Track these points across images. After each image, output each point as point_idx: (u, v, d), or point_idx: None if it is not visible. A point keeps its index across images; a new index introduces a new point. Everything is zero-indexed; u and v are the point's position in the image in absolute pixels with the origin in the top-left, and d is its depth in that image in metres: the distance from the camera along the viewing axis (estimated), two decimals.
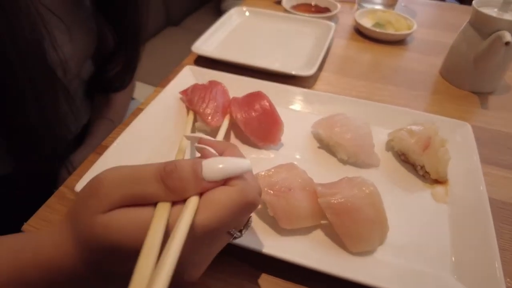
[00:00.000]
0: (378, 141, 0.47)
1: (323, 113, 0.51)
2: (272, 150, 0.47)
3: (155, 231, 0.21)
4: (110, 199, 0.23)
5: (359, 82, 0.62)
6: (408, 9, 0.91)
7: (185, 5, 1.74)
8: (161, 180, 0.23)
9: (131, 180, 0.23)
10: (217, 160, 0.25)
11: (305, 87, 0.60)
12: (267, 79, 0.57)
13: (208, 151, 0.28)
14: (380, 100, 0.57)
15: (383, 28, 0.74)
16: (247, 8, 0.80)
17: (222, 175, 0.24)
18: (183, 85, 0.54)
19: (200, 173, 0.23)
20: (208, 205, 0.23)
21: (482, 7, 0.59)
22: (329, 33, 0.70)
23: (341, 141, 0.44)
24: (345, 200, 0.35)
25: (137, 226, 0.22)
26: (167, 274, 0.19)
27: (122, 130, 0.49)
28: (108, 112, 0.71)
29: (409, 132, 0.44)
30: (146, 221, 0.22)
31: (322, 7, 0.85)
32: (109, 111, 0.71)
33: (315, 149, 0.47)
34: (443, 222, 0.39)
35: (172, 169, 0.23)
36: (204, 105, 0.48)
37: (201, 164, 0.24)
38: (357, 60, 0.69)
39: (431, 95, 0.61)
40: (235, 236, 0.27)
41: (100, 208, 0.22)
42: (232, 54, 0.64)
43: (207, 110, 0.47)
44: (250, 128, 0.46)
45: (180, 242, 0.20)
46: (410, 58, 0.71)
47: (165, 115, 0.51)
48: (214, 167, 0.24)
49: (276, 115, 0.47)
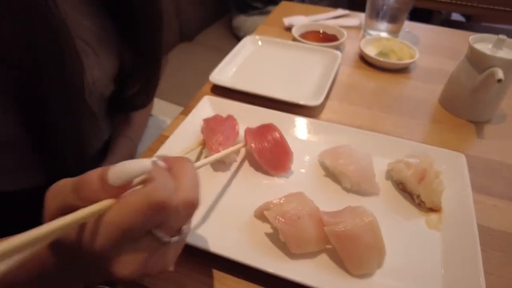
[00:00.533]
0: (379, 170, 0.52)
1: (329, 142, 0.57)
2: (283, 178, 0.52)
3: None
4: (50, 210, 0.27)
5: (363, 111, 0.67)
6: (411, 35, 0.96)
7: (198, 21, 1.81)
8: (74, 190, 0.26)
9: (61, 192, 0.27)
10: (120, 164, 0.26)
11: (312, 115, 0.65)
12: (277, 106, 0.63)
13: (157, 164, 0.29)
14: (382, 129, 0.62)
15: (386, 57, 0.79)
16: (260, 37, 0.85)
17: (125, 176, 0.25)
18: (202, 114, 0.61)
19: (107, 179, 0.25)
20: (117, 204, 0.25)
21: (477, 42, 0.64)
22: (336, 62, 0.75)
23: (345, 171, 0.49)
24: (347, 229, 0.40)
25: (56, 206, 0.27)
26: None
27: (148, 155, 0.54)
28: (128, 130, 0.76)
29: (407, 164, 0.49)
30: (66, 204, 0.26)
31: (329, 34, 0.91)
32: (128, 129, 0.76)
33: (322, 177, 0.52)
34: (435, 248, 0.43)
35: (82, 181, 0.26)
36: (211, 137, 0.53)
37: (108, 170, 0.25)
38: (361, 88, 0.74)
39: (430, 123, 0.65)
40: (164, 240, 0.28)
41: (46, 217, 0.28)
42: (246, 83, 0.69)
43: (213, 141, 0.52)
44: (263, 158, 0.52)
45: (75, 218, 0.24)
46: (411, 86, 0.75)
47: (187, 143, 0.56)
48: (118, 171, 0.25)
49: (286, 146, 0.52)
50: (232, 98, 0.67)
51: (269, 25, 0.99)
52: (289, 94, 0.66)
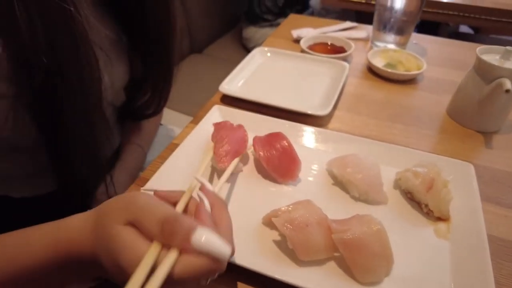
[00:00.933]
0: (387, 180, 0.52)
1: (337, 151, 0.57)
2: (290, 186, 0.53)
3: (142, 269, 0.28)
4: (128, 217, 0.30)
5: (371, 121, 0.68)
6: (419, 47, 0.97)
7: (208, 33, 1.85)
8: (161, 224, 0.29)
9: (148, 212, 0.30)
10: (208, 235, 0.29)
11: (320, 125, 0.66)
12: (286, 115, 0.64)
13: (202, 205, 0.34)
14: (390, 139, 0.63)
15: (394, 68, 0.80)
16: (269, 48, 0.87)
17: (205, 250, 0.29)
18: (212, 122, 0.61)
19: (190, 237, 0.29)
20: (186, 264, 0.29)
21: (485, 54, 0.64)
22: (344, 73, 0.76)
23: (353, 180, 0.49)
24: (355, 237, 0.40)
25: (133, 252, 0.29)
26: None
27: (159, 163, 0.55)
28: (138, 138, 0.77)
29: (414, 174, 0.49)
30: (141, 253, 0.29)
31: (337, 46, 0.92)
32: (138, 137, 0.78)
33: (330, 186, 0.53)
34: (444, 257, 0.43)
35: (173, 221, 0.29)
36: (220, 145, 0.53)
37: (195, 230, 0.29)
38: (369, 98, 0.74)
39: (438, 134, 0.66)
40: (202, 283, 0.33)
41: (121, 220, 0.30)
42: (255, 93, 0.71)
43: (221, 152, 0.52)
44: (271, 165, 0.52)
45: (157, 284, 0.27)
46: (419, 96, 0.76)
47: (197, 150, 0.57)
48: (203, 239, 0.29)
49: (294, 155, 0.53)
50: (241, 108, 0.68)
51: (278, 37, 1.00)
52: (297, 104, 0.67)
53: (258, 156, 0.53)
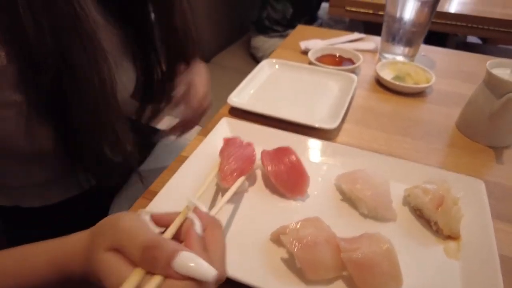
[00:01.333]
0: (396, 196, 0.52)
1: (345, 165, 0.57)
2: (299, 201, 0.52)
3: None
4: (113, 242, 0.31)
5: (380, 134, 0.67)
6: (427, 59, 0.97)
7: (217, 42, 1.86)
8: (142, 250, 0.29)
9: (130, 236, 0.30)
10: (190, 258, 0.29)
11: (329, 138, 0.65)
12: (294, 128, 0.65)
13: (192, 227, 0.34)
14: (399, 153, 0.62)
15: (402, 81, 0.80)
16: (277, 60, 0.87)
17: (188, 273, 0.29)
18: (220, 135, 0.62)
19: (172, 261, 0.29)
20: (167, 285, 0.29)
21: (495, 68, 0.64)
22: (352, 86, 0.76)
23: (362, 197, 0.49)
24: (364, 256, 0.40)
25: (118, 278, 0.29)
26: None
27: (167, 176, 0.56)
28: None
29: (424, 190, 0.48)
30: (124, 279, 0.29)
31: (345, 57, 0.92)
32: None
33: (338, 202, 0.52)
34: (454, 277, 0.43)
35: (154, 246, 0.29)
36: (226, 162, 0.52)
37: (178, 255, 0.29)
38: (377, 111, 0.74)
39: (447, 148, 0.65)
40: None
41: (106, 244, 0.31)
42: (263, 105, 0.71)
43: (226, 169, 0.51)
44: (280, 180, 0.52)
45: None
46: (428, 109, 0.75)
47: (205, 165, 0.57)
48: (186, 263, 0.29)
49: (303, 170, 0.53)
50: (250, 120, 0.68)
51: (286, 49, 1.01)
52: (305, 117, 0.67)
53: (267, 171, 0.53)
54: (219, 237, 0.35)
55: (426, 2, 0.85)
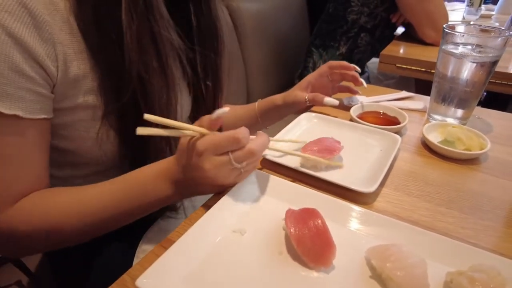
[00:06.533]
0: (435, 280, 0.45)
1: (379, 237, 0.51)
2: (322, 273, 0.47)
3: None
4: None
5: (422, 204, 0.61)
6: (482, 122, 0.89)
7: (265, 93, 1.90)
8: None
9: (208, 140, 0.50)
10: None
11: (364, 202, 0.60)
12: (327, 187, 0.62)
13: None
14: (442, 228, 0.55)
15: (452, 146, 0.73)
16: (316, 114, 0.85)
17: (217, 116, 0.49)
18: (247, 186, 0.60)
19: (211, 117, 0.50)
20: (206, 137, 0.50)
21: None
22: (395, 147, 0.71)
23: (393, 277, 0.43)
24: None
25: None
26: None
27: (187, 225, 0.54)
28: None
29: (470, 280, 0.41)
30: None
31: (390, 116, 0.88)
32: None
33: (367, 279, 0.46)
34: None
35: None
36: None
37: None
38: (422, 178, 0.68)
39: (503, 228, 0.57)
40: (234, 163, 0.51)
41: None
42: (296, 159, 0.68)
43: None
44: (302, 247, 0.48)
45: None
46: (481, 180, 0.68)
47: (227, 218, 0.55)
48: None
49: (329, 238, 0.48)
50: (280, 173, 0.66)
51: None
52: (340, 177, 0.63)
53: (290, 234, 0.49)
54: (264, 135, 0.55)
55: (483, 64, 0.79)
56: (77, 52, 0.53)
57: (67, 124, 0.57)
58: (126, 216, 0.57)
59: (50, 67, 0.51)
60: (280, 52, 1.82)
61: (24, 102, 0.50)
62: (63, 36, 0.52)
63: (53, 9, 0.51)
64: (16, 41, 0.47)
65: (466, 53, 0.79)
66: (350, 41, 1.63)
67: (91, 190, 0.56)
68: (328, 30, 1.66)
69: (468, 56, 0.79)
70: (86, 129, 0.58)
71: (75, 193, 0.56)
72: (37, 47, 0.49)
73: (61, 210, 0.54)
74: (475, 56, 0.79)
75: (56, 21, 0.51)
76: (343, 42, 1.63)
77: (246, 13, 1.60)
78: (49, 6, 0.50)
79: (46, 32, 0.50)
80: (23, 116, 0.50)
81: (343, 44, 1.63)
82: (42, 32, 0.49)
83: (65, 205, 0.55)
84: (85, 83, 0.55)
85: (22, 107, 0.50)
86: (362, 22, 1.59)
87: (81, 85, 0.54)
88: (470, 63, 0.80)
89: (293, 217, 0.52)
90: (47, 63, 0.51)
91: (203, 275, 0.47)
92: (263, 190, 0.61)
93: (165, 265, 0.46)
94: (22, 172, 0.53)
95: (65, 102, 0.55)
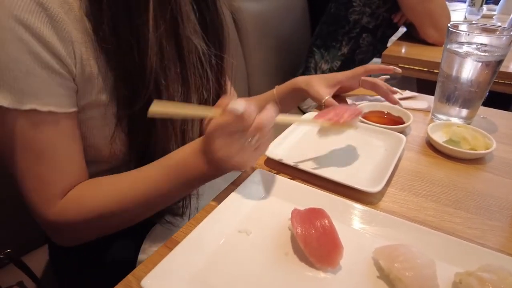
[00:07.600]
0: (443, 280, 0.44)
1: (386, 237, 0.51)
2: (329, 273, 0.47)
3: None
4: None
5: (428, 204, 0.60)
6: (487, 122, 0.89)
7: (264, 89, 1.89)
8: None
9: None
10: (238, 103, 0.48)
11: (370, 202, 0.60)
12: (332, 187, 0.61)
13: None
14: (449, 228, 0.55)
15: (457, 145, 0.73)
16: None
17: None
18: (252, 186, 0.60)
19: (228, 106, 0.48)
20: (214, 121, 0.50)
21: None
22: (400, 147, 0.71)
23: (402, 277, 0.42)
24: None
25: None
26: None
27: (192, 226, 0.53)
28: None
29: (479, 280, 0.41)
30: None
31: (394, 115, 0.87)
32: None
33: (374, 279, 0.46)
34: None
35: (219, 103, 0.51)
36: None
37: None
38: (427, 177, 0.67)
39: (510, 227, 0.56)
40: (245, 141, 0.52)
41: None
42: (301, 159, 0.68)
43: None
44: (309, 247, 0.47)
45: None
46: (486, 179, 0.67)
47: (232, 218, 0.54)
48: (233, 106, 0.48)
49: (336, 238, 0.48)
50: (285, 173, 0.65)
51: None
52: (345, 176, 0.63)
53: (296, 234, 0.49)
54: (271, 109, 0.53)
55: (488, 63, 0.79)
56: (91, 52, 0.53)
57: (80, 121, 0.57)
58: (172, 195, 0.59)
59: (71, 64, 0.52)
60: (281, 53, 1.81)
61: (56, 98, 0.51)
62: (78, 35, 0.52)
63: (68, 8, 0.50)
64: (40, 40, 0.48)
65: (471, 52, 0.79)
66: (352, 41, 1.62)
67: (134, 175, 0.58)
68: (330, 30, 1.65)
69: (473, 55, 0.78)
70: (97, 127, 0.58)
71: (119, 180, 0.58)
72: (58, 45, 0.49)
73: (109, 196, 0.56)
74: (480, 55, 0.78)
75: (71, 20, 0.51)
76: (345, 42, 1.62)
77: (248, 13, 1.59)
78: (64, 5, 0.50)
79: (63, 31, 0.50)
80: (58, 111, 0.52)
81: (345, 45, 1.63)
82: (60, 31, 0.49)
83: (112, 191, 0.57)
84: (98, 82, 0.55)
85: (56, 102, 0.51)
86: (364, 22, 1.58)
87: (94, 84, 0.54)
88: (475, 62, 0.79)
89: (299, 217, 0.51)
90: (68, 61, 0.51)
91: (208, 275, 0.46)
92: (268, 190, 0.61)
93: (170, 265, 0.46)
94: (66, 165, 0.55)
95: (80, 100, 0.55)
